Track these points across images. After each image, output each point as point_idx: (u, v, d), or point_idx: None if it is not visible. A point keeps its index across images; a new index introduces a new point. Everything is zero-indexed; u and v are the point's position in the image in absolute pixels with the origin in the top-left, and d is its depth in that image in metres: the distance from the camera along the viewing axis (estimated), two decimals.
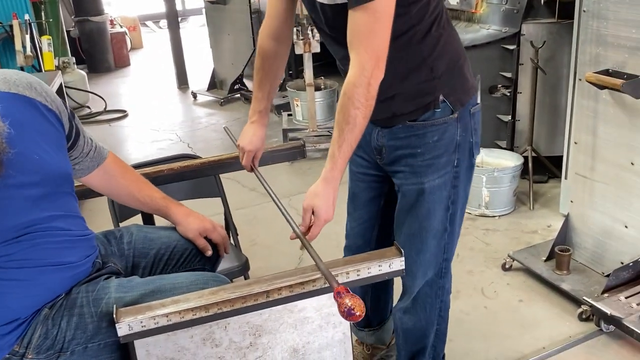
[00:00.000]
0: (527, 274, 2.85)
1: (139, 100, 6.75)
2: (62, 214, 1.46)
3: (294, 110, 4.80)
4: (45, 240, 1.40)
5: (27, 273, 1.37)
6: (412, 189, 1.75)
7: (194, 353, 1.34)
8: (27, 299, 1.38)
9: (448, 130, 1.69)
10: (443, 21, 1.63)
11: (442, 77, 1.64)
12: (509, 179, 3.35)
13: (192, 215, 1.75)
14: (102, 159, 1.69)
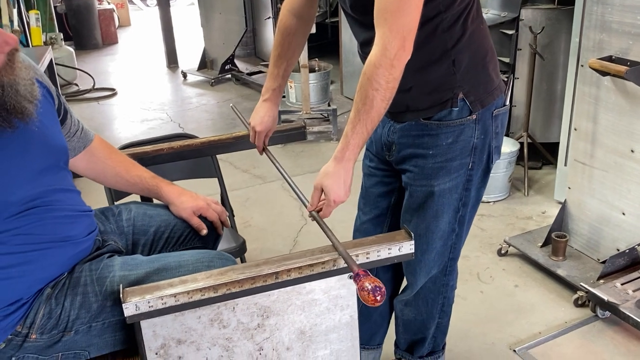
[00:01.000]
0: (522, 260, 2.86)
1: (128, 78, 6.66)
2: (63, 188, 1.44)
3: (287, 92, 4.75)
4: (49, 215, 1.37)
5: (31, 249, 1.34)
6: (421, 191, 1.67)
7: (201, 334, 1.32)
8: (31, 277, 1.35)
9: (464, 133, 1.59)
10: (473, 13, 1.53)
11: (464, 72, 1.54)
12: (504, 165, 3.35)
13: (185, 194, 1.70)
14: (88, 141, 1.65)
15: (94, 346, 1.39)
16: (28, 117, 1.27)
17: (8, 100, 1.22)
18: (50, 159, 1.40)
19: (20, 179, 1.31)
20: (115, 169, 1.69)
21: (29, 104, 1.27)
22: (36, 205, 1.33)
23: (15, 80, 1.24)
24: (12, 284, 1.32)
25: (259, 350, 1.39)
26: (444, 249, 1.76)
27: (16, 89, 1.24)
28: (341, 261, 1.35)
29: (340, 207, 1.79)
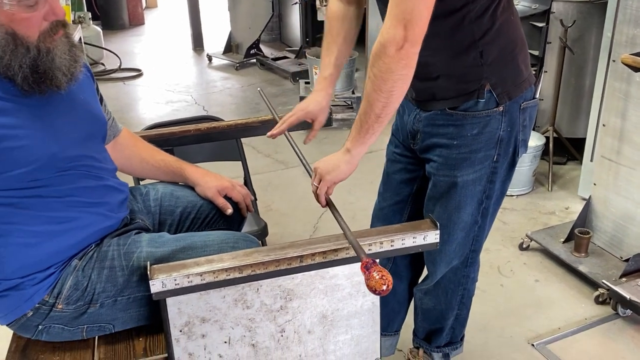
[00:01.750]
0: (544, 255, 2.84)
1: (154, 59, 6.69)
2: (103, 158, 1.49)
3: (312, 78, 4.74)
4: (89, 180, 1.41)
5: (68, 209, 1.37)
6: (444, 181, 1.66)
7: (225, 313, 1.34)
8: (62, 242, 1.38)
9: (490, 124, 1.57)
10: (503, 4, 1.50)
11: (491, 64, 1.52)
12: (529, 159, 3.32)
13: (209, 174, 1.73)
14: (117, 131, 1.69)
15: (118, 320, 1.42)
16: (59, 87, 1.30)
17: (41, 64, 1.26)
18: (94, 127, 1.47)
19: (69, 138, 1.36)
20: (141, 155, 1.72)
21: (62, 76, 1.30)
22: (79, 166, 1.38)
23: (52, 49, 1.28)
24: (45, 247, 1.35)
25: (281, 332, 1.41)
26: (465, 241, 1.76)
27: (52, 57, 1.28)
28: (365, 247, 1.35)
29: (363, 195, 1.79)
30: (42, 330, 1.39)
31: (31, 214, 1.32)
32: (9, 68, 1.23)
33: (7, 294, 1.34)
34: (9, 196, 1.28)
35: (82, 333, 1.41)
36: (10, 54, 1.23)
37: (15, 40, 1.23)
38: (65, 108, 1.37)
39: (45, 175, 1.31)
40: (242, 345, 1.39)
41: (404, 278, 2.02)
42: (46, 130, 1.31)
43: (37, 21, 1.25)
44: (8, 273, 1.33)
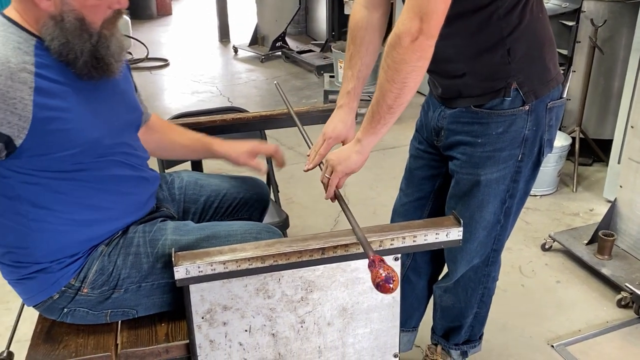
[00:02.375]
0: (566, 256, 2.82)
1: (181, 50, 6.74)
2: (138, 146, 1.52)
3: (336, 72, 4.74)
4: (125, 169, 1.44)
5: (103, 199, 1.40)
6: (467, 179, 1.65)
7: (246, 302, 1.35)
8: (94, 229, 1.40)
9: (515, 123, 1.56)
10: (532, 1, 1.48)
11: (519, 62, 1.50)
12: (554, 159, 3.28)
13: (236, 143, 1.75)
14: (148, 117, 1.71)
15: (141, 306, 1.44)
16: (111, 73, 1.35)
17: (100, 50, 1.31)
18: (132, 115, 1.51)
19: (111, 125, 1.39)
20: (170, 137, 1.75)
21: (115, 62, 1.35)
22: (117, 153, 1.41)
23: (110, 36, 1.32)
24: (76, 234, 1.38)
25: (301, 323, 1.42)
26: (487, 240, 1.75)
27: (108, 44, 1.32)
28: (387, 242, 1.36)
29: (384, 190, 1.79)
30: (67, 313, 1.42)
31: (67, 199, 1.34)
32: (72, 52, 1.27)
33: (35, 276, 1.37)
34: (49, 178, 1.30)
35: (106, 317, 1.44)
36: (77, 38, 1.27)
37: (82, 26, 1.27)
38: (109, 95, 1.41)
39: (86, 159, 1.34)
40: (263, 334, 1.40)
41: (424, 274, 2.01)
42: (92, 116, 1.34)
43: (104, 9, 1.30)
44: (39, 257, 1.36)
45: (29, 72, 1.22)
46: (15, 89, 1.19)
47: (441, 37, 1.41)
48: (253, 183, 1.83)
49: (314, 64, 5.69)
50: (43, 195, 1.31)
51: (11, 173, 1.27)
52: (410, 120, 4.32)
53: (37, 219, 1.32)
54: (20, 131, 1.21)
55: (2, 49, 1.21)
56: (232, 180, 1.80)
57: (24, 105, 1.20)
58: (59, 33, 1.26)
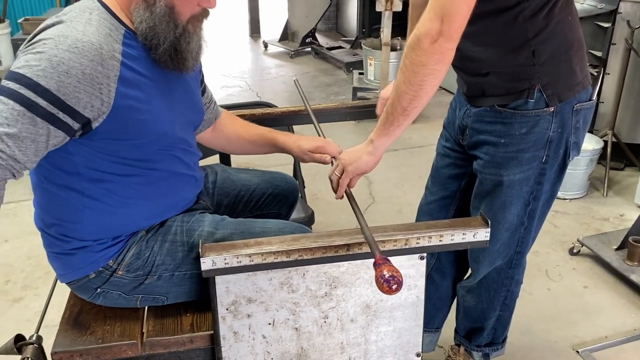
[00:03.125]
0: (594, 261, 2.78)
1: (211, 44, 6.77)
2: (194, 144, 1.56)
3: (366, 69, 4.73)
4: (181, 166, 1.47)
5: (157, 188, 1.43)
6: (489, 179, 1.64)
7: (270, 295, 1.36)
8: (141, 215, 1.43)
9: (539, 124, 1.53)
10: (561, 3, 1.46)
11: (544, 64, 1.48)
12: (585, 162, 3.23)
13: (301, 139, 1.76)
14: (218, 114, 1.75)
15: (172, 294, 1.46)
16: (185, 68, 1.38)
17: (181, 42, 1.34)
18: (195, 115, 1.56)
19: (178, 120, 1.43)
20: (237, 132, 1.78)
21: (190, 60, 1.38)
22: (176, 149, 1.45)
23: (192, 33, 1.36)
24: (123, 216, 1.40)
25: (324, 319, 1.42)
26: (510, 241, 1.73)
27: (189, 40, 1.35)
28: (413, 241, 1.36)
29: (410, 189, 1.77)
30: (100, 293, 1.44)
31: (125, 184, 1.38)
32: (156, 37, 1.31)
33: (75, 252, 1.40)
34: (112, 161, 1.34)
35: (137, 302, 1.46)
36: (164, 25, 1.30)
37: (171, 14, 1.30)
38: (180, 93, 1.45)
39: (150, 150, 1.38)
40: (286, 328, 1.41)
41: (448, 275, 2.00)
42: (164, 110, 1.37)
43: (194, 4, 1.33)
44: (84, 234, 1.39)
45: (117, 60, 1.26)
46: (103, 75, 1.23)
47: (467, 36, 1.40)
48: (282, 179, 1.84)
49: (344, 61, 5.68)
50: (102, 176, 1.35)
51: (78, 151, 1.30)
52: (438, 119, 4.30)
53: (91, 196, 1.36)
54: (99, 115, 1.25)
55: (97, 35, 1.24)
56: (262, 175, 1.82)
57: (108, 91, 1.24)
58: (148, 16, 1.29)
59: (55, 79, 1.17)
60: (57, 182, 1.35)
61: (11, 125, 1.15)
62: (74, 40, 1.20)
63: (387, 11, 4.21)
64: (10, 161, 1.17)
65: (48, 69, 1.17)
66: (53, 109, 1.18)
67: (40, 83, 1.16)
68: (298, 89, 2.05)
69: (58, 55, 1.18)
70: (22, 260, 2.81)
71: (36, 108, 1.16)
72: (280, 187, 1.80)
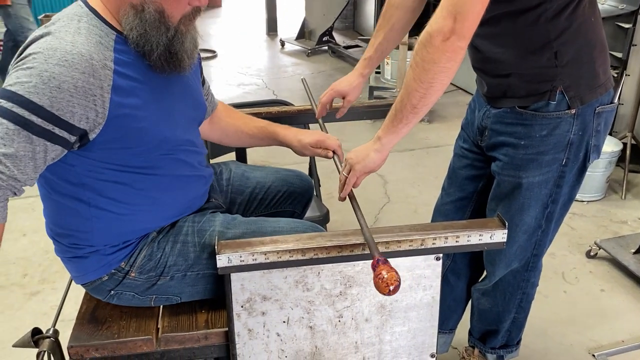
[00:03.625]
0: (612, 264, 2.75)
1: (228, 42, 6.81)
2: (198, 143, 1.54)
3: (383, 68, 4.72)
4: (185, 168, 1.46)
5: (162, 192, 1.42)
6: (508, 181, 1.62)
7: (285, 293, 1.36)
8: (149, 220, 1.43)
9: (560, 127, 1.52)
10: (584, 4, 1.44)
11: (566, 66, 1.46)
12: (604, 164, 3.20)
13: (301, 133, 1.75)
14: (215, 105, 1.73)
15: (185, 294, 1.47)
16: (182, 69, 1.36)
17: (174, 44, 1.31)
18: (197, 112, 1.53)
19: (179, 123, 1.42)
20: (235, 125, 1.77)
21: (187, 59, 1.35)
22: (179, 151, 1.43)
23: (186, 33, 1.33)
24: (131, 222, 1.40)
25: (339, 318, 1.42)
26: (527, 244, 1.71)
27: (183, 40, 1.33)
28: (429, 241, 1.35)
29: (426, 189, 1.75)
30: (113, 295, 1.45)
31: (129, 191, 1.37)
32: (148, 43, 1.28)
33: (88, 256, 1.41)
34: (114, 170, 1.33)
35: (151, 302, 1.47)
36: (155, 30, 1.27)
37: (161, 18, 1.28)
38: (179, 92, 1.43)
39: (152, 156, 1.37)
40: (300, 326, 1.41)
41: (463, 276, 1.99)
42: (163, 114, 1.36)
43: (184, 4, 1.30)
44: (94, 241, 1.39)
45: (109, 68, 1.24)
46: (96, 86, 1.21)
47: (488, 37, 1.39)
48: (297, 177, 1.84)
49: None
50: (106, 186, 1.34)
51: (79, 162, 1.30)
52: (455, 119, 4.28)
53: (98, 206, 1.35)
54: (95, 126, 1.23)
55: (86, 45, 1.21)
56: (277, 173, 1.81)
57: (102, 101, 1.22)
58: (138, 23, 1.26)
59: (47, 94, 1.15)
60: (63, 193, 1.35)
61: (7, 145, 1.14)
62: (63, 53, 1.17)
63: None
64: (10, 181, 1.16)
65: (39, 85, 1.14)
66: (48, 125, 1.16)
67: (33, 100, 1.14)
68: (305, 88, 2.06)
69: (48, 70, 1.15)
70: (39, 255, 2.84)
71: (31, 126, 1.15)
72: (295, 185, 1.80)
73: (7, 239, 2.97)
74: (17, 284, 2.65)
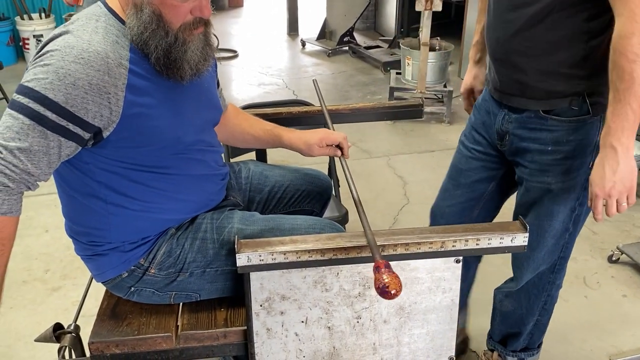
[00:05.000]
0: (634, 269, 2.71)
1: (250, 42, 6.84)
2: (214, 142, 1.55)
3: (403, 69, 4.70)
4: (199, 167, 1.47)
5: (174, 190, 1.43)
6: (537, 187, 1.61)
7: (304, 293, 1.36)
8: (163, 216, 1.44)
9: (585, 130, 1.51)
10: None
11: (593, 70, 1.45)
12: None
13: (305, 134, 1.74)
14: (224, 107, 1.74)
15: (204, 290, 1.48)
16: (183, 78, 1.35)
17: (174, 52, 1.31)
18: (212, 114, 1.54)
19: (192, 123, 1.42)
20: (242, 126, 1.77)
21: (188, 69, 1.35)
22: (193, 150, 1.44)
23: (187, 41, 1.33)
24: (149, 219, 1.42)
25: (357, 319, 1.42)
26: (555, 248, 1.70)
27: (185, 49, 1.32)
28: (449, 244, 1.34)
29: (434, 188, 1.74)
30: (133, 292, 1.46)
31: (145, 188, 1.38)
32: (146, 45, 1.29)
33: (107, 253, 1.42)
34: (128, 168, 1.35)
35: (170, 299, 1.48)
36: (151, 32, 1.28)
37: (159, 22, 1.28)
38: (193, 95, 1.43)
39: (165, 155, 1.38)
40: (319, 326, 1.41)
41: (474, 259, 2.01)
42: (176, 114, 1.37)
43: (184, 12, 1.30)
44: (112, 238, 1.41)
45: (124, 67, 1.26)
46: (111, 84, 1.23)
47: (518, 30, 1.37)
48: (316, 176, 1.84)
49: (381, 60, 5.65)
50: (121, 183, 1.36)
51: (93, 159, 1.31)
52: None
53: (114, 203, 1.37)
54: (109, 124, 1.25)
55: (103, 43, 1.24)
56: (295, 172, 1.81)
57: (116, 100, 1.24)
58: (136, 22, 1.28)
59: (62, 91, 1.17)
60: (80, 191, 1.37)
61: (22, 139, 1.16)
62: (79, 50, 1.20)
63: (426, 10, 4.17)
64: (23, 175, 1.18)
65: (55, 81, 1.17)
66: (62, 120, 1.18)
67: (48, 96, 1.17)
68: (316, 89, 2.05)
69: (64, 67, 1.18)
70: (61, 250, 2.88)
71: (45, 121, 1.17)
72: (313, 184, 1.80)
73: (30, 234, 3.02)
74: (39, 279, 2.69)
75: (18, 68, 5.70)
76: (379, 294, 1.12)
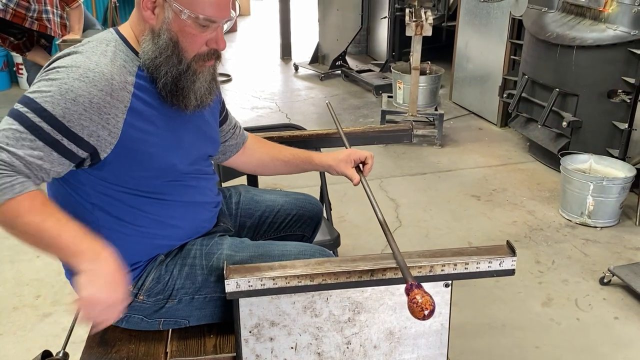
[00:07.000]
0: (626, 292, 2.71)
1: (243, 66, 6.88)
2: (209, 170, 1.57)
3: (395, 92, 4.74)
4: (195, 192, 1.48)
5: (172, 214, 1.44)
6: None
7: (293, 319, 1.36)
8: (157, 242, 1.44)
9: None
10: None
11: None
12: (617, 190, 3.17)
13: (334, 152, 1.77)
14: (245, 139, 1.76)
15: (193, 317, 1.47)
16: (186, 107, 1.37)
17: (183, 80, 1.34)
18: (209, 148, 1.56)
19: (189, 154, 1.44)
20: (270, 154, 1.79)
21: (194, 99, 1.37)
22: (187, 178, 1.45)
23: (198, 72, 1.35)
24: (140, 244, 1.42)
25: (347, 344, 1.42)
26: None
27: (194, 79, 1.35)
28: (438, 268, 1.35)
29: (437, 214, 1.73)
30: (122, 318, 1.46)
31: (138, 213, 1.39)
32: (158, 69, 1.31)
33: None
34: (123, 192, 1.36)
35: (159, 325, 1.47)
36: (165, 58, 1.31)
37: (174, 49, 1.31)
38: (194, 127, 1.46)
39: (159, 181, 1.39)
40: (308, 352, 1.41)
41: None
42: (173, 143, 1.38)
43: (200, 42, 1.33)
44: None
45: (128, 91, 1.28)
46: (112, 106, 1.25)
47: None
48: (306, 200, 1.85)
49: (373, 84, 5.70)
50: (115, 206, 1.36)
51: (90, 182, 1.33)
52: (467, 143, 4.29)
53: (107, 226, 1.37)
54: (107, 146, 1.27)
55: (110, 66, 1.27)
56: (286, 196, 1.83)
57: (116, 122, 1.26)
58: (151, 47, 1.31)
59: (61, 105, 1.20)
60: (72, 213, 1.34)
61: (12, 145, 1.17)
62: (85, 69, 1.23)
63: (417, 36, 4.23)
64: (10, 170, 1.17)
65: (56, 95, 1.20)
66: (57, 134, 1.20)
67: (47, 108, 1.19)
68: (330, 111, 2.06)
69: (68, 83, 1.21)
70: (52, 276, 2.86)
71: (40, 132, 1.19)
72: (304, 209, 1.81)
73: (22, 259, 3.00)
74: (29, 305, 2.67)
75: (11, 93, 5.71)
76: (412, 314, 1.14)
